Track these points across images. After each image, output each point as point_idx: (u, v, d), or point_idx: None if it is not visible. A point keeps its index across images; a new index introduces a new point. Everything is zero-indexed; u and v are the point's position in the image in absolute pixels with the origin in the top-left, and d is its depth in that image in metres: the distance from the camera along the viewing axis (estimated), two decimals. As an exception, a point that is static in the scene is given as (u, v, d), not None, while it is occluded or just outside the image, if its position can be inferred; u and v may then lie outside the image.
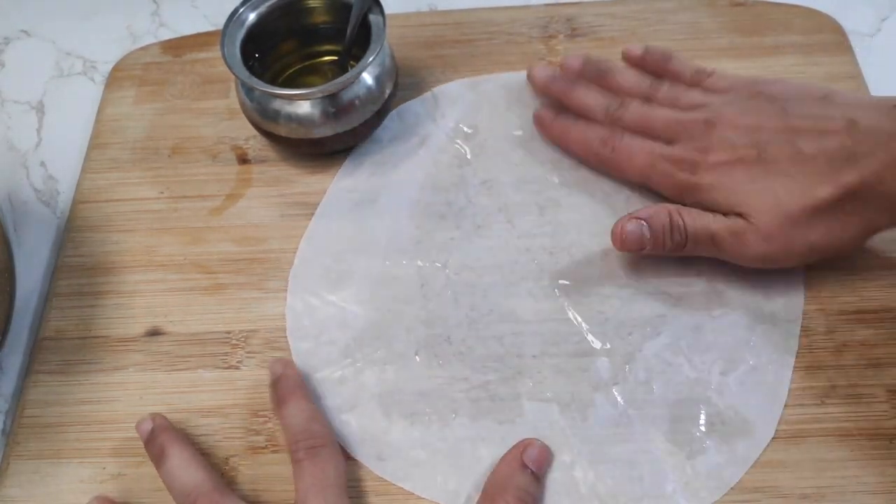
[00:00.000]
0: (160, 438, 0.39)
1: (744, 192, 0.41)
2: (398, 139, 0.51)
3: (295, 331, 0.44)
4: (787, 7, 0.54)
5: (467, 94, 0.52)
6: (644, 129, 0.45)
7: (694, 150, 0.42)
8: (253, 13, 0.48)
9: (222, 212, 0.49)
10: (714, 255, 0.42)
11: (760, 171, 0.41)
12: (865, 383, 0.41)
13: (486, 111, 0.51)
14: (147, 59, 0.56)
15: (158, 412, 0.41)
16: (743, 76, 0.46)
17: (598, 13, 0.55)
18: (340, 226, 0.47)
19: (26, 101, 0.56)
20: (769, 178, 0.40)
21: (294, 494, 0.37)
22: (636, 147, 0.44)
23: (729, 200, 0.41)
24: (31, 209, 0.51)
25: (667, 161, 0.43)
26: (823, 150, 0.39)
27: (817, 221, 0.39)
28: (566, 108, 0.48)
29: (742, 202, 0.40)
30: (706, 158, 0.42)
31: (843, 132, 0.39)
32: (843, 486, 0.38)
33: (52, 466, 0.41)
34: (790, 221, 0.39)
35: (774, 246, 0.40)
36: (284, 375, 0.41)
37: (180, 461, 0.38)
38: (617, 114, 0.46)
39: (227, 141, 0.52)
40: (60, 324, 0.46)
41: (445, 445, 0.40)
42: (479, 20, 0.56)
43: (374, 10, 0.48)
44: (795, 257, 0.41)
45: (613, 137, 0.45)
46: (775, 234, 0.40)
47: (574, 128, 0.47)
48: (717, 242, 0.41)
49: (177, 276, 0.47)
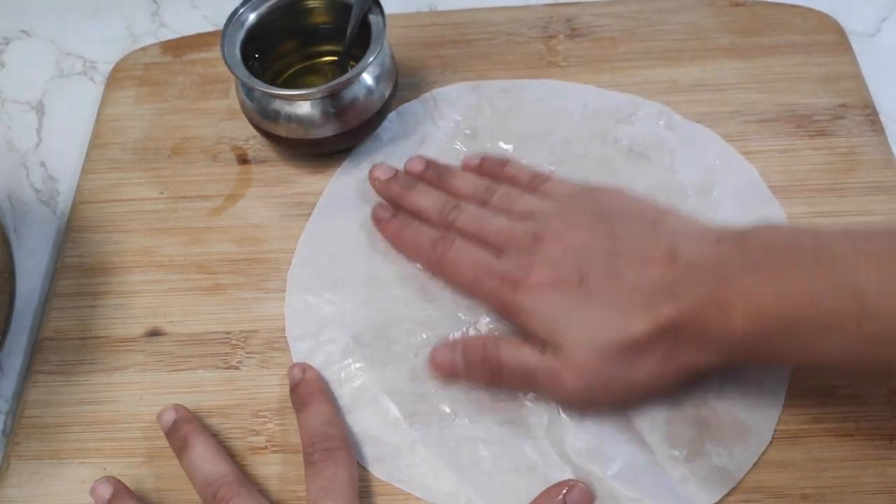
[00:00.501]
0: (183, 429, 0.40)
1: (561, 320, 0.38)
2: (398, 139, 0.51)
3: (294, 330, 0.44)
4: (787, 7, 0.54)
5: (467, 97, 0.52)
6: (476, 234, 0.43)
7: (518, 267, 0.40)
8: (253, 13, 0.48)
9: (222, 212, 0.49)
10: (532, 391, 0.40)
11: (579, 299, 0.38)
12: (865, 383, 0.40)
13: (486, 114, 0.51)
14: (147, 59, 0.56)
15: (181, 403, 0.41)
16: (579, 184, 0.44)
17: (598, 13, 0.55)
18: (339, 224, 0.47)
19: (26, 101, 0.56)
20: (587, 308, 0.38)
21: (301, 496, 0.37)
22: (464, 257, 0.42)
23: (546, 328, 0.39)
24: (31, 209, 0.51)
25: (492, 276, 0.41)
26: (644, 281, 0.37)
27: (633, 358, 0.37)
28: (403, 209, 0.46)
29: (558, 332, 0.38)
30: (527, 278, 0.40)
31: (666, 263, 0.37)
32: (843, 486, 0.38)
33: (52, 467, 0.41)
34: (605, 357, 0.37)
35: (590, 383, 0.38)
36: (304, 380, 0.41)
37: (203, 452, 0.39)
38: (451, 217, 0.44)
39: (227, 141, 0.52)
40: (60, 324, 0.46)
41: (445, 447, 0.40)
42: (479, 20, 0.56)
43: (374, 11, 0.48)
44: (616, 396, 0.39)
45: (445, 241, 0.43)
46: (589, 371, 0.37)
47: (408, 228, 0.45)
48: (532, 381, 0.39)
49: (177, 276, 0.47)
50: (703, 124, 0.50)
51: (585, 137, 0.50)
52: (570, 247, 0.40)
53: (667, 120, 0.50)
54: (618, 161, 0.49)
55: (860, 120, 0.49)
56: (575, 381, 0.38)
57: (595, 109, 0.51)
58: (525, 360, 0.39)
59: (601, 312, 0.38)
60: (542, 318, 0.39)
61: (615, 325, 0.37)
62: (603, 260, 0.39)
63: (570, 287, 0.39)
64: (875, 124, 0.49)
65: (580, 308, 0.38)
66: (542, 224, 0.41)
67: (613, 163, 0.49)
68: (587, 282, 0.38)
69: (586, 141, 0.50)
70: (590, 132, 0.50)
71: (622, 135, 0.49)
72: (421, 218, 0.45)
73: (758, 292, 0.35)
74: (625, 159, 0.49)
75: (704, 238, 0.38)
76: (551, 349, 0.38)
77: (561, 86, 0.52)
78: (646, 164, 0.48)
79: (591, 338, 0.37)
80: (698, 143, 0.49)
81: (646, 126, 0.50)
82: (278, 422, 0.42)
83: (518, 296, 0.40)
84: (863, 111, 0.49)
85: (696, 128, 0.50)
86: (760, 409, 0.40)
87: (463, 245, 0.43)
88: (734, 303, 0.35)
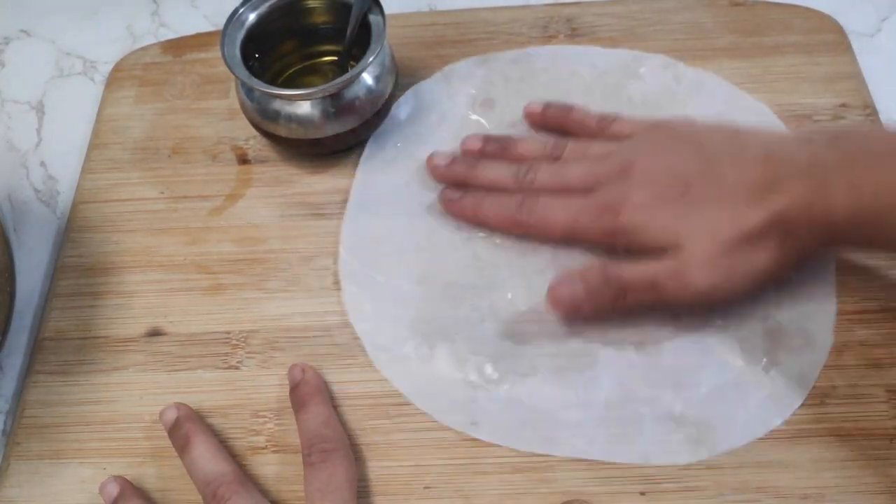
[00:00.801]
0: (185, 427, 0.40)
1: (674, 227, 0.40)
2: (416, 118, 0.51)
3: (356, 314, 0.44)
4: (787, 7, 0.54)
5: (477, 71, 0.53)
6: (559, 187, 0.43)
7: (615, 196, 0.41)
8: (253, 13, 0.48)
9: (222, 212, 0.49)
10: (656, 301, 0.41)
11: (686, 206, 0.40)
12: (865, 383, 0.41)
13: (499, 85, 0.52)
14: (147, 59, 0.56)
15: (183, 402, 0.41)
16: (647, 120, 0.45)
17: (598, 13, 0.55)
18: (377, 212, 0.48)
19: (26, 101, 0.56)
20: (697, 211, 0.40)
21: (300, 496, 0.37)
22: (556, 205, 0.43)
23: (661, 237, 0.40)
24: (31, 209, 0.51)
25: (589, 211, 0.42)
26: (746, 181, 0.39)
27: (752, 247, 0.39)
28: (473, 187, 0.46)
29: (675, 237, 0.39)
30: (628, 201, 0.41)
31: (762, 163, 0.39)
32: (843, 486, 0.38)
33: (52, 467, 0.41)
34: (726, 249, 0.39)
35: (716, 276, 0.39)
36: (304, 381, 0.41)
37: (204, 451, 0.39)
38: (528, 178, 0.44)
39: (227, 141, 0.52)
40: (60, 324, 0.46)
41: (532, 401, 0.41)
42: (479, 20, 0.56)
43: (374, 10, 0.48)
44: (738, 286, 0.40)
45: (531, 200, 0.43)
46: (714, 263, 0.39)
47: (486, 200, 0.45)
48: (658, 287, 0.40)
49: (177, 276, 0.47)
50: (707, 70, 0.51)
51: (599, 97, 0.51)
52: (663, 166, 0.41)
53: (673, 71, 0.52)
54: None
55: (860, 120, 0.49)
56: (701, 275, 0.39)
57: (603, 69, 0.52)
58: (647, 270, 0.40)
59: (714, 212, 0.39)
60: (654, 229, 0.40)
61: (731, 219, 0.39)
62: (699, 171, 0.40)
63: (674, 198, 0.40)
64: (875, 124, 0.49)
65: (691, 211, 0.40)
66: (625, 157, 0.42)
67: None
68: (690, 190, 0.40)
69: (600, 101, 0.50)
70: (602, 92, 0.51)
71: (633, 90, 0.51)
72: (496, 190, 0.45)
73: (854, 183, 0.37)
74: (641, 114, 0.49)
75: (794, 140, 0.40)
76: (671, 253, 0.39)
77: (567, 49, 0.54)
78: (662, 116, 0.48)
79: (711, 232, 0.39)
80: (707, 88, 0.51)
81: (654, 79, 0.51)
82: (278, 422, 0.42)
83: (622, 217, 0.41)
84: (863, 111, 0.49)
85: (702, 74, 0.51)
86: (817, 316, 0.42)
87: (550, 198, 0.43)
88: (834, 192, 0.37)
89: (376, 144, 0.51)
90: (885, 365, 0.41)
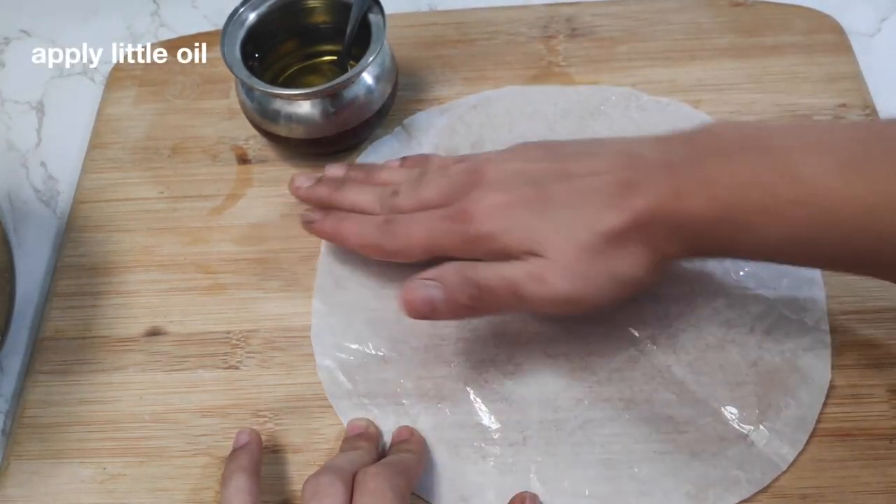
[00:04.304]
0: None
1: (531, 230, 0.38)
2: None
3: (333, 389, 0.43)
4: (787, 7, 0.54)
5: (438, 120, 0.51)
6: (419, 206, 0.42)
7: (466, 203, 0.39)
8: (253, 13, 0.48)
9: (222, 212, 0.49)
10: (517, 306, 0.39)
11: (542, 210, 0.38)
12: (865, 383, 0.41)
13: (460, 132, 0.51)
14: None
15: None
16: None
17: (598, 13, 0.55)
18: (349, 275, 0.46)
19: (26, 101, 0.56)
20: (555, 213, 0.38)
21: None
22: (414, 221, 0.41)
23: (518, 242, 0.38)
24: (31, 209, 0.51)
25: (443, 221, 0.40)
26: (605, 182, 0.37)
27: (614, 250, 0.37)
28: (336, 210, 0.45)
29: (533, 241, 0.38)
30: (480, 205, 0.39)
31: (618, 165, 0.38)
32: (843, 486, 0.38)
33: (52, 466, 0.41)
34: (587, 251, 0.37)
35: (578, 281, 0.37)
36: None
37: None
38: (391, 201, 0.42)
39: (227, 141, 0.52)
40: (60, 324, 0.46)
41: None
42: (479, 20, 0.56)
43: (374, 10, 0.48)
44: (601, 292, 0.38)
45: (390, 221, 0.42)
46: (575, 267, 0.37)
47: (347, 220, 0.43)
48: (518, 290, 0.37)
49: (177, 276, 0.47)
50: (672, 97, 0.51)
51: (564, 136, 0.50)
52: (515, 170, 0.40)
53: (636, 102, 0.51)
54: None
55: (860, 120, 0.49)
56: (563, 279, 0.37)
57: (565, 108, 0.51)
58: (507, 273, 0.38)
59: (573, 212, 0.38)
60: (510, 233, 0.38)
61: (591, 220, 0.37)
62: (554, 174, 0.39)
63: (528, 200, 0.38)
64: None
65: (549, 213, 0.38)
66: (478, 166, 0.41)
67: None
68: (546, 193, 0.38)
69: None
70: (566, 131, 0.50)
71: (599, 127, 0.50)
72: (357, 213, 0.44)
73: (707, 180, 0.36)
74: None
75: (652, 141, 0.39)
76: (531, 257, 0.38)
77: (524, 91, 0.52)
78: None
79: (572, 235, 0.37)
80: (670, 115, 0.50)
81: (617, 112, 0.51)
82: (278, 422, 0.42)
83: (476, 223, 0.39)
84: (863, 111, 0.49)
85: (665, 101, 0.51)
86: (811, 350, 0.41)
87: (410, 216, 0.42)
88: (687, 190, 0.36)
89: (376, 144, 0.50)
90: (885, 365, 0.41)
